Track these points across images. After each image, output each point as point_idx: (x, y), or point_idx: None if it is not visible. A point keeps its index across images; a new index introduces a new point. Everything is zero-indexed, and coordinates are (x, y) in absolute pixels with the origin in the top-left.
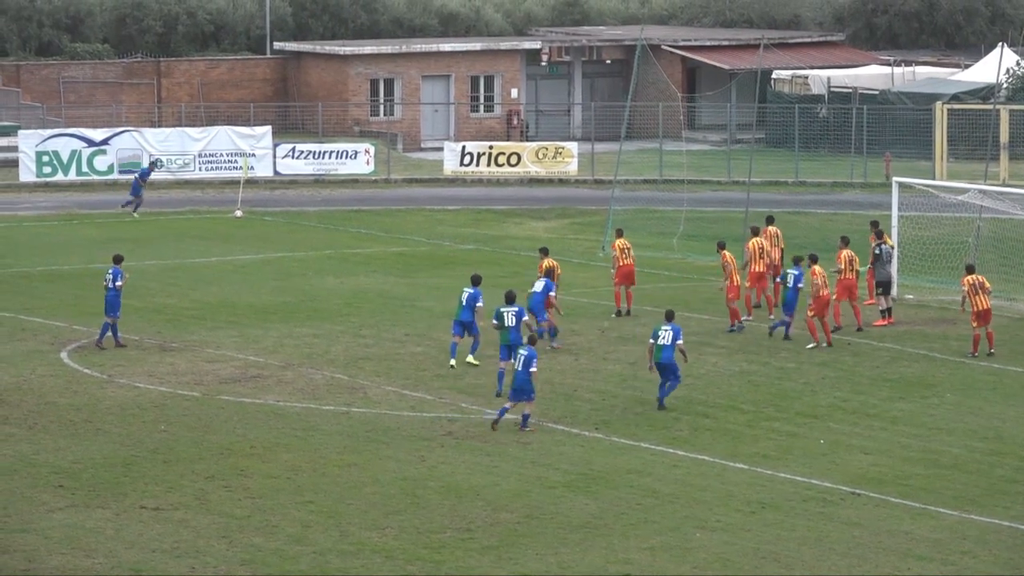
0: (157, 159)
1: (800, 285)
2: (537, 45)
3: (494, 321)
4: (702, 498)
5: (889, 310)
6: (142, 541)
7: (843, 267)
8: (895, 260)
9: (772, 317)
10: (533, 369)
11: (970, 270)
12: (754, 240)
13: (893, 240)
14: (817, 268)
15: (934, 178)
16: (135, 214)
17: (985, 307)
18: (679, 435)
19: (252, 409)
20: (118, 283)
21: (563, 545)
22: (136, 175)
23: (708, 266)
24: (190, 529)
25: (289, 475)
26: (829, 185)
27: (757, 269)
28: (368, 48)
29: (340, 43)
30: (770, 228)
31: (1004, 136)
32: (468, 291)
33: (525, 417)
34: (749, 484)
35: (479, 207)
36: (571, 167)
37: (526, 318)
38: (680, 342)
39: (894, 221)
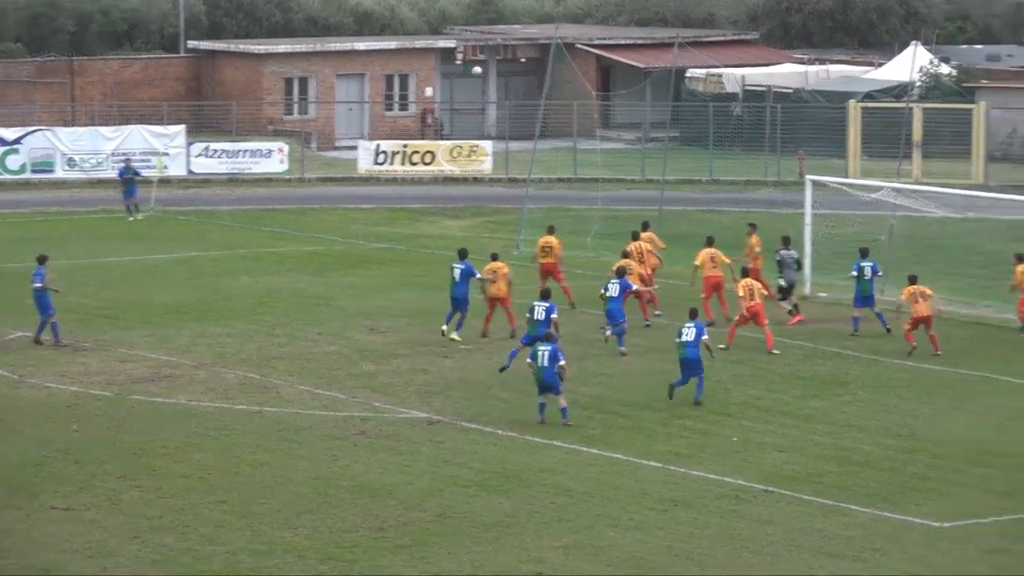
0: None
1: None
2: (452, 44)
3: (526, 314)
4: (615, 496)
5: (796, 307)
6: (53, 542)
7: (700, 264)
8: (808, 259)
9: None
10: (562, 363)
11: (912, 280)
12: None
13: (806, 238)
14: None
15: (847, 176)
16: (138, 215)
17: (926, 314)
18: (593, 434)
19: (164, 409)
20: (36, 284)
21: (476, 544)
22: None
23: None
24: (101, 529)
25: (201, 475)
26: (743, 183)
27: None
28: (282, 47)
29: (254, 42)
30: (644, 234)
31: (917, 134)
32: (459, 266)
33: (564, 410)
34: (662, 482)
35: (393, 206)
36: (485, 166)
37: (555, 315)
38: (705, 337)
39: (807, 219)
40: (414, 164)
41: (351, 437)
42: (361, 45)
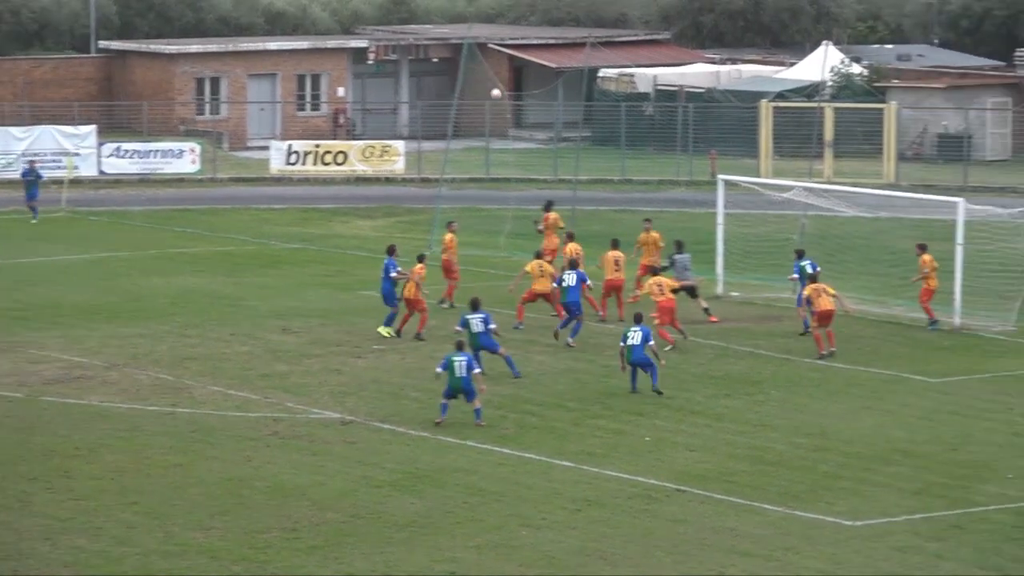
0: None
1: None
2: (364, 44)
3: (458, 327)
4: (528, 496)
5: (707, 309)
6: None
7: (605, 267)
8: (720, 259)
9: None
10: (477, 371)
11: (813, 279)
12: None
13: (719, 238)
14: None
15: (759, 176)
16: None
17: (828, 308)
18: (505, 433)
19: (76, 410)
20: None
21: (389, 544)
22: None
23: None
24: (12, 531)
25: (113, 476)
26: (655, 183)
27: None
28: (194, 47)
29: (166, 42)
30: (551, 214)
31: (828, 134)
32: (385, 260)
33: (477, 411)
34: (575, 482)
35: (306, 206)
36: (398, 166)
37: (493, 325)
38: (652, 343)
39: (720, 219)
40: (326, 164)
41: (264, 438)
42: (273, 45)
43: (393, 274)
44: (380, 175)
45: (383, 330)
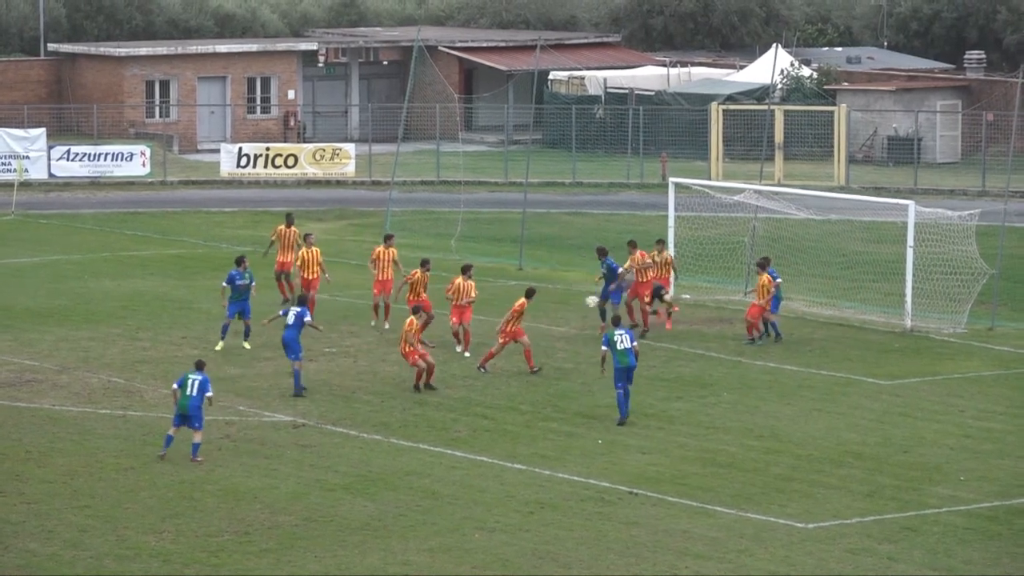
0: None
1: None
2: (314, 46)
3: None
4: (481, 499)
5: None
6: None
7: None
8: (673, 272)
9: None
10: (209, 394)
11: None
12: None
13: (670, 240)
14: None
15: (710, 178)
16: None
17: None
18: (458, 436)
19: (27, 414)
20: None
21: (342, 547)
22: None
23: (484, 267)
24: None
25: (65, 480)
26: (606, 186)
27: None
28: (143, 49)
29: (115, 44)
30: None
31: (779, 136)
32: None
33: (195, 446)
34: (527, 485)
35: (256, 209)
36: (348, 168)
37: (308, 318)
38: (635, 344)
39: (671, 222)
40: (277, 167)
41: (216, 441)
42: (222, 47)
43: (240, 282)
44: (331, 178)
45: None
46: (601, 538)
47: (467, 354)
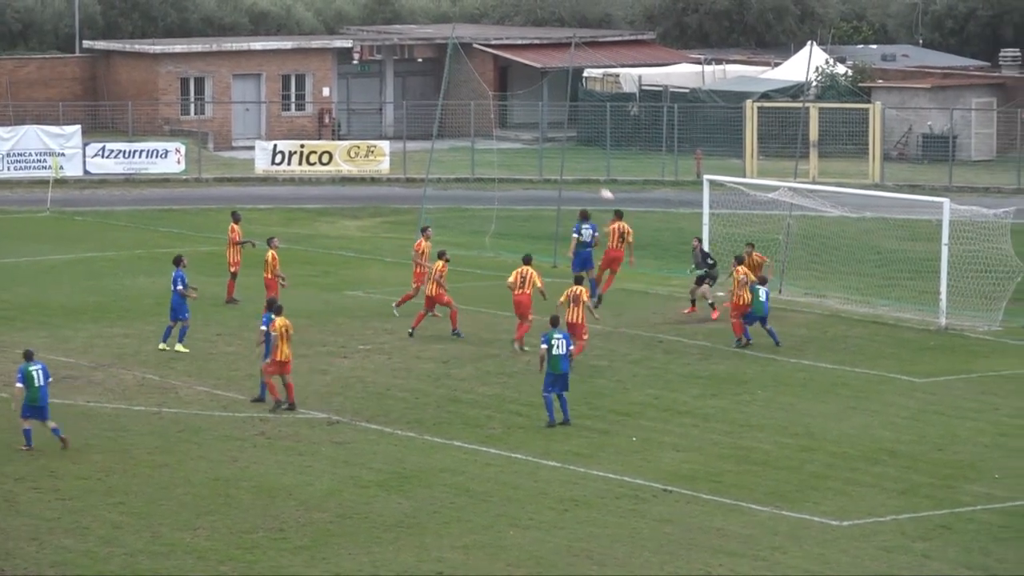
0: None
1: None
2: (348, 44)
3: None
4: (515, 496)
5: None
6: None
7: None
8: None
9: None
10: (50, 379)
11: (740, 260)
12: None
13: (704, 237)
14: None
15: (744, 176)
16: None
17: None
18: (492, 433)
19: (62, 410)
20: None
21: (376, 544)
22: None
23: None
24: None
25: (100, 476)
26: (640, 183)
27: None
28: (178, 47)
29: (150, 42)
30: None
31: (813, 134)
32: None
33: (56, 430)
34: (562, 482)
35: (291, 206)
36: (383, 166)
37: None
38: (572, 348)
39: (705, 219)
40: (311, 164)
41: (251, 438)
42: (257, 45)
43: (179, 288)
44: (365, 175)
45: (179, 347)
46: (635, 535)
47: (526, 348)
